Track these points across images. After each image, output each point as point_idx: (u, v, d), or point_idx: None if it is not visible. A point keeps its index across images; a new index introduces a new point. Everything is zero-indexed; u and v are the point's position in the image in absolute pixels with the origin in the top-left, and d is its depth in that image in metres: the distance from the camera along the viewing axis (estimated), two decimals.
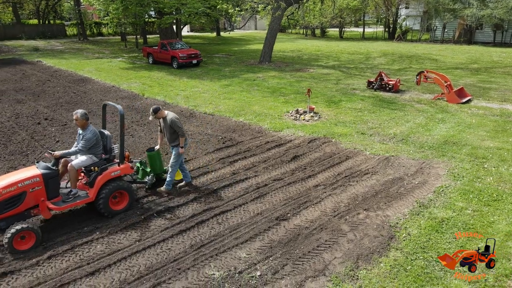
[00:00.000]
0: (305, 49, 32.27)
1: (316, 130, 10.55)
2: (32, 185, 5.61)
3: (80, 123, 6.18)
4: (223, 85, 16.92)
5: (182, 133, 6.82)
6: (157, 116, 6.78)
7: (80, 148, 6.09)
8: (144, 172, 7.23)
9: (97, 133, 6.26)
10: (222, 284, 4.79)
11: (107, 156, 6.39)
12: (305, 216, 6.31)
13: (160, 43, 23.30)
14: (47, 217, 5.87)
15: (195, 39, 43.20)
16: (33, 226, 5.42)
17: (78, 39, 41.53)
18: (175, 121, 6.78)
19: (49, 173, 5.78)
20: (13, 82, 17.84)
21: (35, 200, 5.68)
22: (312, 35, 48.47)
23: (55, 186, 5.89)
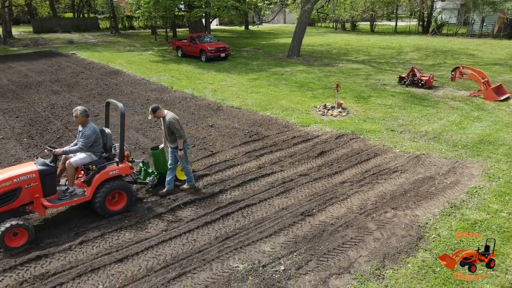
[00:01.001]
0: (334, 43, 31.72)
1: (344, 126, 10.37)
2: (28, 181, 5.50)
3: (80, 120, 6.05)
4: (251, 79, 16.91)
5: (180, 135, 6.49)
6: (155, 115, 6.48)
7: (80, 146, 5.96)
8: (146, 173, 7.06)
9: (96, 131, 6.11)
10: (246, 276, 4.82)
11: (107, 154, 6.25)
12: (331, 213, 6.24)
13: (189, 37, 23.54)
14: (41, 215, 5.80)
15: (224, 32, 43.37)
16: (26, 223, 5.33)
17: (110, 32, 42.63)
18: (173, 122, 6.45)
19: (46, 170, 5.66)
20: (49, 73, 18.56)
21: (31, 196, 5.56)
22: (342, 29, 47.53)
23: (52, 183, 5.77)
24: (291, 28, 41.26)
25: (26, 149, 8.98)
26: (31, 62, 22.11)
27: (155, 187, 7.06)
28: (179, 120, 6.64)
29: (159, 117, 6.58)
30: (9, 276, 4.87)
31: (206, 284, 4.69)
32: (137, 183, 6.91)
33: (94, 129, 6.05)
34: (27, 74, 18.30)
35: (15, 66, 20.86)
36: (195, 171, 7.76)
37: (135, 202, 6.60)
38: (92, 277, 4.84)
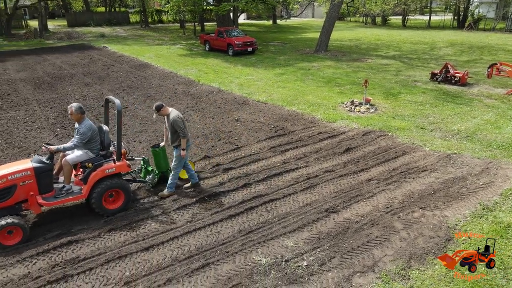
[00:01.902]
0: (364, 38, 31.04)
1: (371, 123, 10.16)
2: (23, 179, 5.44)
3: (76, 117, 5.89)
4: (277, 74, 16.83)
5: (183, 134, 6.30)
6: (160, 113, 6.36)
7: (75, 143, 5.82)
8: (146, 171, 6.92)
9: (92, 128, 5.95)
10: (269, 270, 4.83)
11: (104, 152, 6.09)
12: (356, 210, 6.14)
13: (217, 31, 23.67)
14: (36, 212, 5.73)
15: (251, 26, 43.31)
16: (21, 222, 5.29)
17: (140, 26, 43.50)
18: (177, 120, 6.27)
19: (41, 167, 5.57)
20: (81, 66, 19.16)
21: (26, 194, 5.50)
22: (372, 23, 46.41)
23: (48, 180, 5.69)
24: (319, 22, 40.68)
25: (60, 138, 9.33)
26: (65, 55, 22.90)
27: (156, 185, 6.89)
28: (183, 119, 6.47)
29: (163, 115, 6.42)
30: (42, 259, 5.09)
31: (229, 276, 4.74)
32: (136, 181, 6.79)
33: (89, 126, 5.89)
34: (61, 67, 18.97)
35: (50, 58, 21.67)
36: (220, 164, 7.83)
37: None
38: (120, 264, 4.99)
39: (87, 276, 4.78)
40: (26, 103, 12.46)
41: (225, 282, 4.65)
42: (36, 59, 21.42)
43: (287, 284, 4.61)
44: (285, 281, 4.65)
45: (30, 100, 12.82)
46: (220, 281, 4.66)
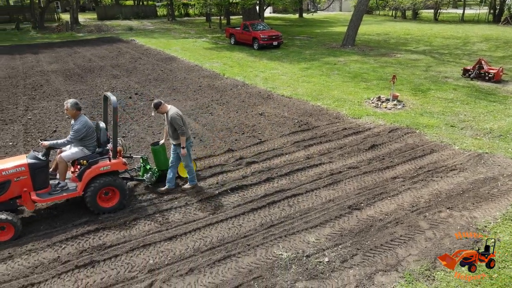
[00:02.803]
0: (393, 32, 30.24)
1: (398, 120, 9.92)
2: (17, 174, 5.43)
3: (71, 113, 5.81)
4: (303, 68, 16.68)
5: (182, 132, 6.17)
6: (158, 111, 6.29)
7: (69, 139, 5.76)
8: (144, 169, 6.78)
9: (88, 125, 5.85)
10: (289, 265, 4.83)
11: (100, 149, 6.01)
12: (380, 208, 6.03)
13: (243, 24, 23.64)
14: (30, 209, 5.68)
15: (277, 20, 43.02)
16: (12, 219, 5.26)
17: (167, 19, 44.03)
18: (176, 117, 6.14)
19: (36, 164, 5.56)
20: (110, 58, 19.62)
21: (20, 190, 5.50)
22: (402, 17, 45.10)
23: (43, 177, 5.66)
24: (347, 16, 39.94)
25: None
26: (95, 48, 23.50)
27: (155, 184, 6.78)
28: (182, 116, 6.32)
29: (162, 112, 6.33)
30: (70, 244, 5.29)
31: (250, 269, 4.78)
32: (134, 179, 6.69)
33: (84, 123, 5.79)
34: (90, 59, 19.49)
35: (80, 51, 22.30)
36: (244, 157, 7.86)
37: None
38: (144, 252, 5.12)
39: (112, 263, 4.93)
40: (57, 94, 12.89)
41: (246, 274, 4.68)
42: (67, 52, 22.10)
43: (308, 279, 4.60)
44: (305, 276, 4.64)
45: (61, 91, 13.26)
46: (241, 273, 4.70)
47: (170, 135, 6.41)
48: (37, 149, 5.73)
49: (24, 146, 8.54)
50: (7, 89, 13.55)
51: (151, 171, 6.71)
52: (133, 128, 9.64)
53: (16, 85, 14.06)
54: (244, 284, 4.52)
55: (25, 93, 13.00)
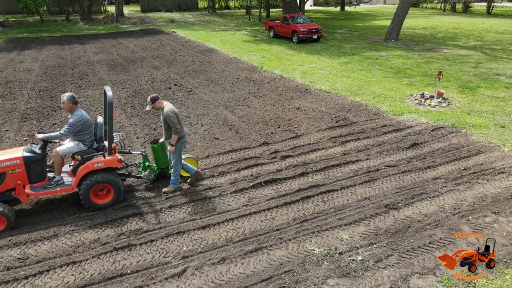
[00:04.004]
0: (440, 26, 28.82)
1: (443, 118, 9.46)
2: (12, 167, 5.45)
3: (67, 107, 5.72)
4: (342, 63, 16.30)
5: (175, 130, 6.00)
6: (154, 106, 6.08)
7: (62, 132, 5.67)
8: (143, 166, 6.65)
9: (84, 119, 5.72)
10: (321, 261, 4.76)
11: (97, 145, 5.91)
12: (419, 209, 5.80)
13: (283, 17, 23.43)
14: (24, 202, 5.70)
15: (318, 13, 42.28)
16: (3, 210, 5.29)
17: (207, 12, 44.55)
18: (170, 115, 5.96)
19: (31, 157, 5.56)
20: (151, 50, 20.16)
21: (15, 182, 5.52)
22: (452, 10, 42.79)
23: (38, 170, 5.66)
24: (391, 9, 38.56)
25: (129, 117, 9.95)
26: (137, 39, 24.24)
27: (155, 182, 6.69)
28: (178, 114, 6.12)
29: (157, 108, 6.16)
30: (110, 227, 5.52)
31: (281, 262, 4.76)
32: (131, 176, 6.58)
33: (80, 118, 5.68)
34: (133, 50, 20.13)
35: (124, 42, 23.09)
36: (279, 151, 7.82)
37: (220, 175, 6.92)
38: (178, 239, 5.24)
39: (148, 247, 5.09)
40: (101, 83, 13.44)
41: (276, 267, 4.67)
42: (112, 43, 22.95)
43: (340, 276, 4.51)
44: (337, 273, 4.56)
45: (105, 80, 13.80)
46: (272, 266, 4.70)
47: (164, 133, 6.26)
48: (36, 142, 5.74)
49: None
50: (56, 77, 14.30)
51: (150, 169, 6.59)
52: None
53: (64, 74, 14.81)
54: (275, 277, 4.52)
55: (72, 81, 13.66)
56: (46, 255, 4.93)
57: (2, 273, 4.62)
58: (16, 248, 5.09)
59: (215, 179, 6.83)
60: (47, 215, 5.81)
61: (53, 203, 6.10)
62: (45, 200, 6.11)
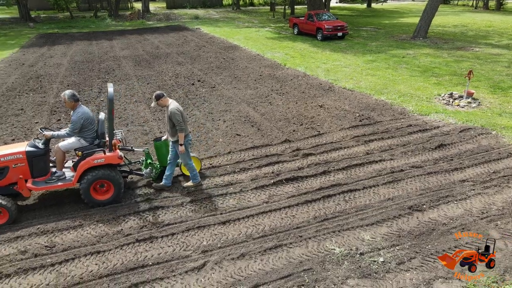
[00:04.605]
0: (471, 24, 27.84)
1: (472, 119, 9.14)
2: (15, 161, 5.54)
3: (69, 105, 5.79)
4: (367, 61, 16.00)
5: (181, 128, 5.91)
6: (159, 103, 6.05)
7: (68, 131, 5.77)
8: (145, 164, 6.58)
9: (85, 116, 5.78)
10: (342, 261, 4.70)
11: (98, 141, 5.93)
12: (444, 212, 5.63)
13: (307, 14, 23.20)
14: (26, 195, 5.74)
15: (343, 10, 41.66)
16: (6, 204, 5.37)
17: (232, 8, 44.66)
18: (175, 112, 5.88)
19: (33, 152, 5.64)
20: (176, 46, 20.39)
21: (18, 176, 5.60)
22: (484, 7, 41.20)
23: (41, 165, 5.74)
24: (420, 6, 37.58)
25: (153, 112, 10.11)
26: (162, 35, 24.57)
27: (156, 179, 6.61)
28: (183, 112, 6.08)
29: (162, 105, 6.11)
30: (132, 219, 5.63)
31: (300, 260, 4.73)
32: (133, 173, 6.56)
33: (82, 115, 5.74)
34: (158, 46, 20.42)
35: (149, 38, 23.46)
36: (301, 148, 7.76)
37: (241, 171, 6.94)
38: (198, 233, 5.29)
39: (169, 240, 5.16)
40: (127, 78, 13.71)
41: (296, 265, 4.65)
42: (138, 39, 23.37)
43: (360, 277, 4.44)
44: (358, 274, 4.49)
45: (130, 75, 14.07)
46: (292, 264, 4.67)
47: (169, 131, 6.20)
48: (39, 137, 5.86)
49: None
50: (84, 72, 14.68)
51: (151, 166, 6.54)
52: (194, 114, 9.96)
53: (92, 69, 15.19)
54: (294, 274, 4.49)
55: (99, 76, 14.00)
56: (71, 244, 5.08)
57: (30, 260, 4.80)
58: (44, 236, 5.27)
59: (236, 175, 6.85)
60: (73, 206, 5.98)
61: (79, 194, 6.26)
62: (70, 191, 6.30)
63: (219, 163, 7.28)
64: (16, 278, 4.52)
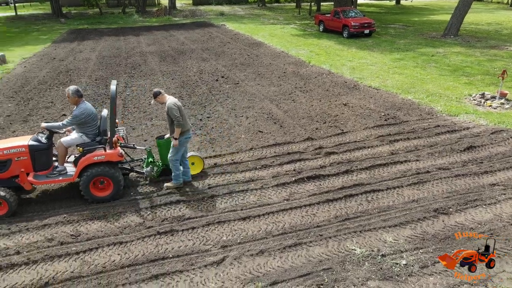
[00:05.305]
0: (506, 22, 26.71)
1: (505, 120, 8.76)
2: (18, 154, 5.62)
3: (72, 101, 5.82)
4: (395, 59, 15.62)
5: (178, 123, 5.89)
6: (157, 100, 6.07)
7: (64, 122, 5.79)
8: (147, 162, 6.55)
9: (87, 112, 5.78)
10: (362, 261, 4.61)
11: (99, 138, 5.93)
12: (472, 216, 5.43)
13: (334, 11, 22.87)
14: (27, 188, 5.78)
15: (371, 7, 40.84)
16: (5, 195, 5.44)
17: (257, 5, 44.59)
18: (172, 107, 5.87)
19: (36, 146, 5.70)
20: (201, 42, 20.55)
21: (20, 169, 5.65)
22: None
23: (43, 159, 5.80)
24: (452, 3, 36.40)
25: None
26: (188, 31, 24.83)
27: (159, 178, 6.60)
28: (180, 107, 6.04)
29: (160, 102, 6.13)
30: (154, 212, 5.72)
31: (320, 259, 4.67)
32: (134, 171, 6.55)
33: (84, 110, 5.75)
34: (183, 42, 20.64)
35: (175, 34, 23.75)
36: (323, 147, 7.67)
37: (263, 168, 6.92)
38: (218, 228, 5.31)
39: (189, 234, 5.21)
40: (152, 73, 13.93)
41: (315, 264, 4.59)
42: (164, 35, 23.70)
43: (381, 279, 4.34)
44: (379, 275, 4.39)
45: (156, 71, 14.29)
46: (311, 262, 4.62)
47: (168, 127, 6.20)
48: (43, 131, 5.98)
49: (122, 118, 9.42)
50: (111, 67, 15.03)
51: (152, 165, 6.51)
52: (217, 110, 10.01)
53: (119, 64, 15.52)
54: (313, 273, 4.44)
55: (126, 71, 14.29)
56: (95, 234, 5.22)
57: (56, 247, 4.96)
58: (70, 225, 5.43)
59: (258, 171, 6.84)
60: None
61: None
62: None
63: (240, 159, 7.29)
64: (43, 265, 4.67)
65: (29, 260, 4.71)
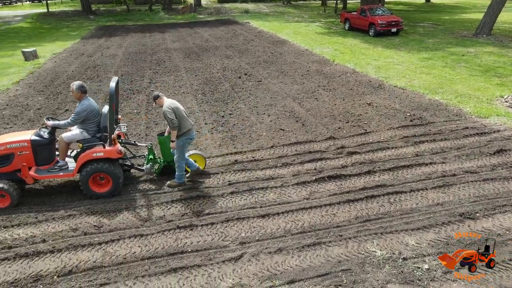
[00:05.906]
0: None
1: None
2: (20, 149, 5.71)
3: (76, 96, 5.86)
4: (422, 58, 15.20)
5: (172, 126, 5.89)
6: (156, 103, 6.13)
7: (69, 121, 5.84)
8: (147, 159, 6.55)
9: (90, 108, 5.83)
10: (383, 264, 4.51)
11: (100, 134, 5.94)
12: (500, 221, 5.21)
13: (360, 9, 22.47)
14: (29, 182, 5.88)
15: (399, 5, 39.90)
16: (8, 188, 5.57)
17: (282, 2, 44.38)
18: (166, 110, 5.88)
19: (38, 141, 5.79)
20: (225, 39, 20.64)
21: (22, 164, 5.74)
22: None
23: (45, 154, 5.89)
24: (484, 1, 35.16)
25: (199, 104, 10.32)
26: (212, 29, 24.99)
27: (161, 175, 6.61)
28: (176, 109, 5.97)
29: (159, 105, 6.16)
30: (174, 207, 5.79)
31: (339, 260, 4.60)
32: (134, 168, 6.54)
33: (86, 107, 5.79)
34: (207, 39, 20.79)
35: (199, 31, 23.95)
36: (345, 146, 7.55)
37: (283, 166, 6.88)
38: (237, 225, 5.32)
39: (209, 229, 5.24)
40: (176, 70, 14.10)
41: (334, 264, 4.53)
42: (188, 32, 23.95)
43: (402, 283, 4.23)
44: (399, 279, 4.28)
45: (179, 67, 14.46)
46: (330, 262, 4.56)
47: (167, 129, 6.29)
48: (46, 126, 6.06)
49: (146, 114, 9.59)
50: (137, 63, 15.31)
51: (152, 162, 6.52)
52: (239, 107, 10.03)
53: (144, 60, 15.80)
54: (332, 274, 4.38)
55: (151, 67, 14.52)
56: (117, 226, 5.33)
57: (79, 237, 5.10)
58: (93, 216, 5.57)
59: (278, 169, 6.81)
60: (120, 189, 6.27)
61: (126, 180, 6.55)
62: None
63: (261, 157, 7.28)
64: (67, 253, 4.82)
65: (54, 249, 4.87)
